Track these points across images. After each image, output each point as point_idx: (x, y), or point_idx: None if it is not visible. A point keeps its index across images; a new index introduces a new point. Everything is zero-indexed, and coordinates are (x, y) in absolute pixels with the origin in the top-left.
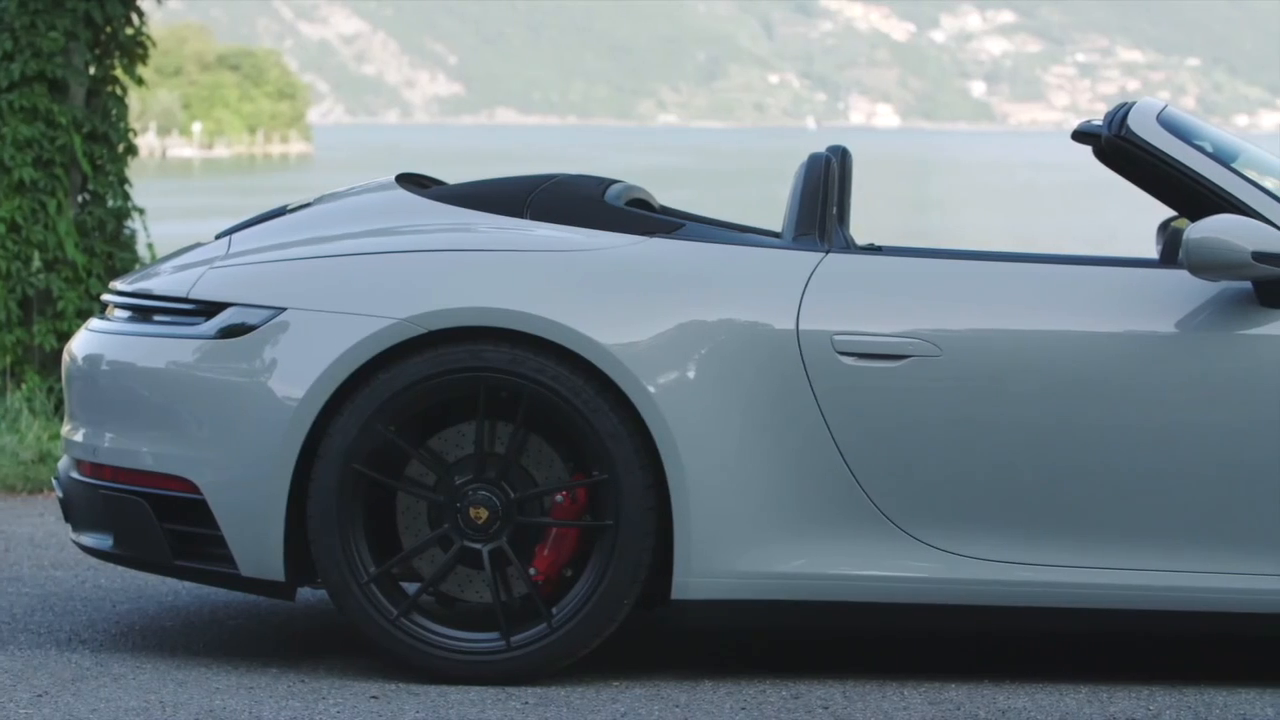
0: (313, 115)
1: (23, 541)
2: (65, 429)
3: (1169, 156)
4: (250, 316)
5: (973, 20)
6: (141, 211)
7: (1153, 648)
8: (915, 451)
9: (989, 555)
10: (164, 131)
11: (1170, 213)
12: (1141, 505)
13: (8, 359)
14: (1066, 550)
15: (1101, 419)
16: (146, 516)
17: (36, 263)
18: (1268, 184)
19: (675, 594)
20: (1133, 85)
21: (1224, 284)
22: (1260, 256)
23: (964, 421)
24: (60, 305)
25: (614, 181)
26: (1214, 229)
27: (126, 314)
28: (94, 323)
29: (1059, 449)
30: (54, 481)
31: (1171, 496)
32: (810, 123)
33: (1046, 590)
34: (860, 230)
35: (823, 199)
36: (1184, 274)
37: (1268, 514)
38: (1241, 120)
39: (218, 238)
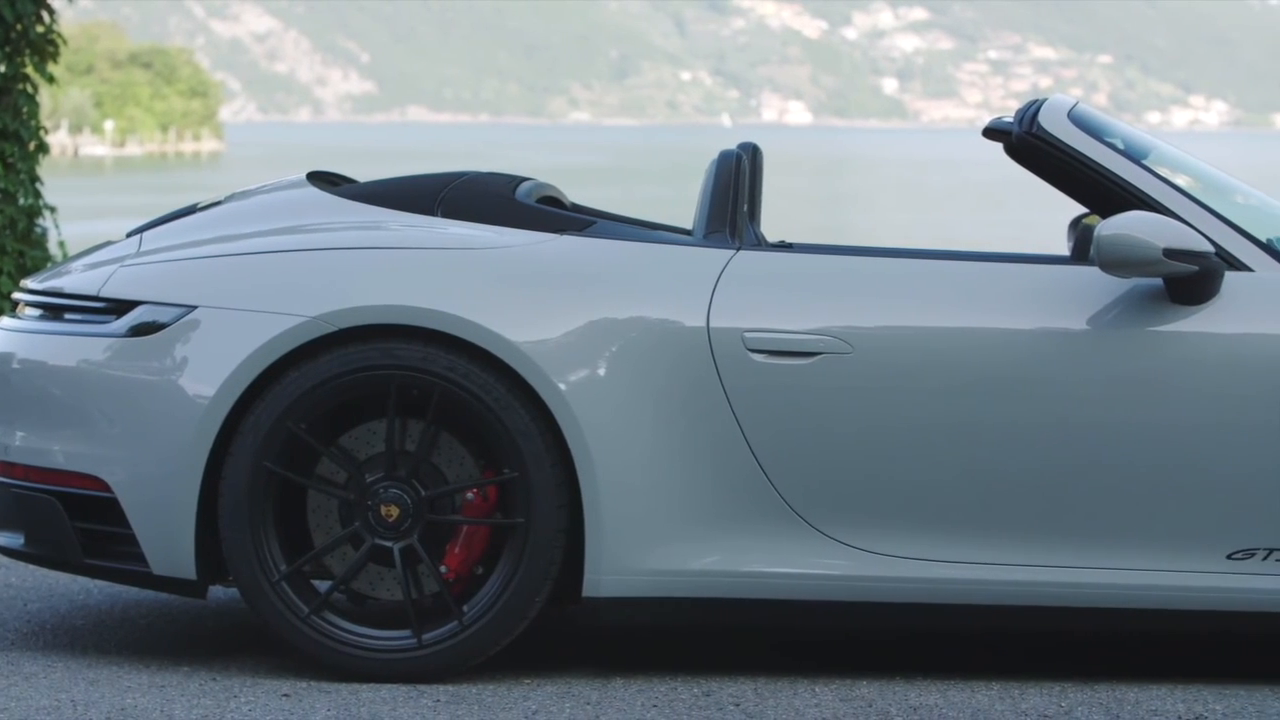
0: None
1: None
2: None
3: (1080, 153)
4: (161, 315)
5: (885, 17)
6: (53, 210)
7: (1065, 644)
8: (827, 449)
9: (902, 552)
10: (76, 129)
11: (1081, 210)
12: (1053, 502)
13: None
14: (979, 547)
15: (1012, 416)
16: (58, 515)
17: None
18: (1179, 181)
19: (586, 591)
20: (1045, 82)
21: (1135, 281)
22: (1171, 253)
23: (875, 419)
24: None
25: (525, 179)
26: (1125, 226)
27: (37, 312)
28: (4, 321)
29: (970, 446)
30: None
31: (1082, 493)
32: (725, 120)
33: (959, 587)
34: (773, 228)
35: (733, 196)
36: (1095, 271)
37: (1179, 510)
38: (1153, 117)
39: (128, 236)
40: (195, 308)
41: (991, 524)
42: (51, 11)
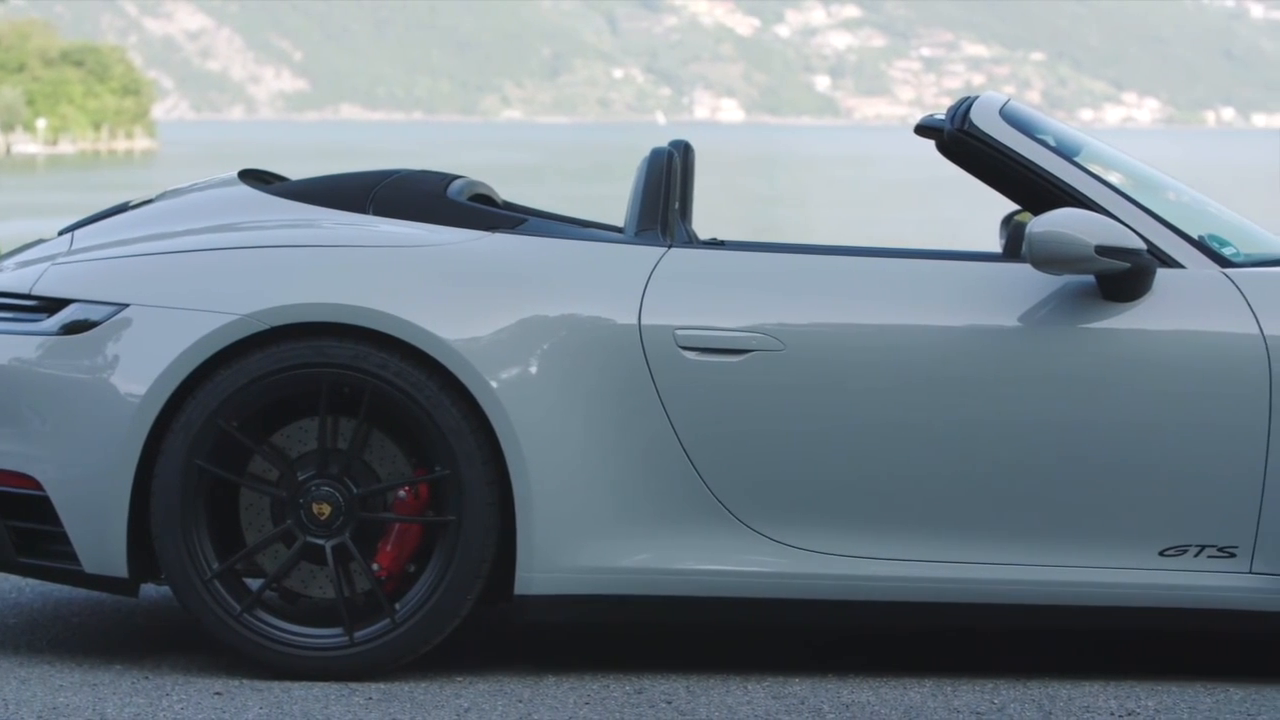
0: (157, 111)
1: None
2: None
3: (1012, 150)
4: (92, 313)
5: (817, 15)
6: None
7: (998, 641)
8: (759, 446)
9: (834, 550)
10: (8, 128)
11: (1014, 207)
12: (985, 499)
13: None
14: (913, 545)
15: (944, 414)
16: None
17: None
18: (1111, 178)
19: (518, 589)
20: (978, 79)
21: (1067, 278)
22: (1103, 250)
23: (807, 416)
24: None
25: (456, 177)
26: (1057, 223)
27: None
28: None
29: (902, 444)
30: None
31: (1015, 491)
32: (660, 118)
33: (893, 585)
34: (705, 225)
35: (665, 194)
36: (1027, 268)
37: (1111, 507)
38: (1086, 114)
39: (60, 234)
40: (127, 306)
41: (924, 521)
42: None
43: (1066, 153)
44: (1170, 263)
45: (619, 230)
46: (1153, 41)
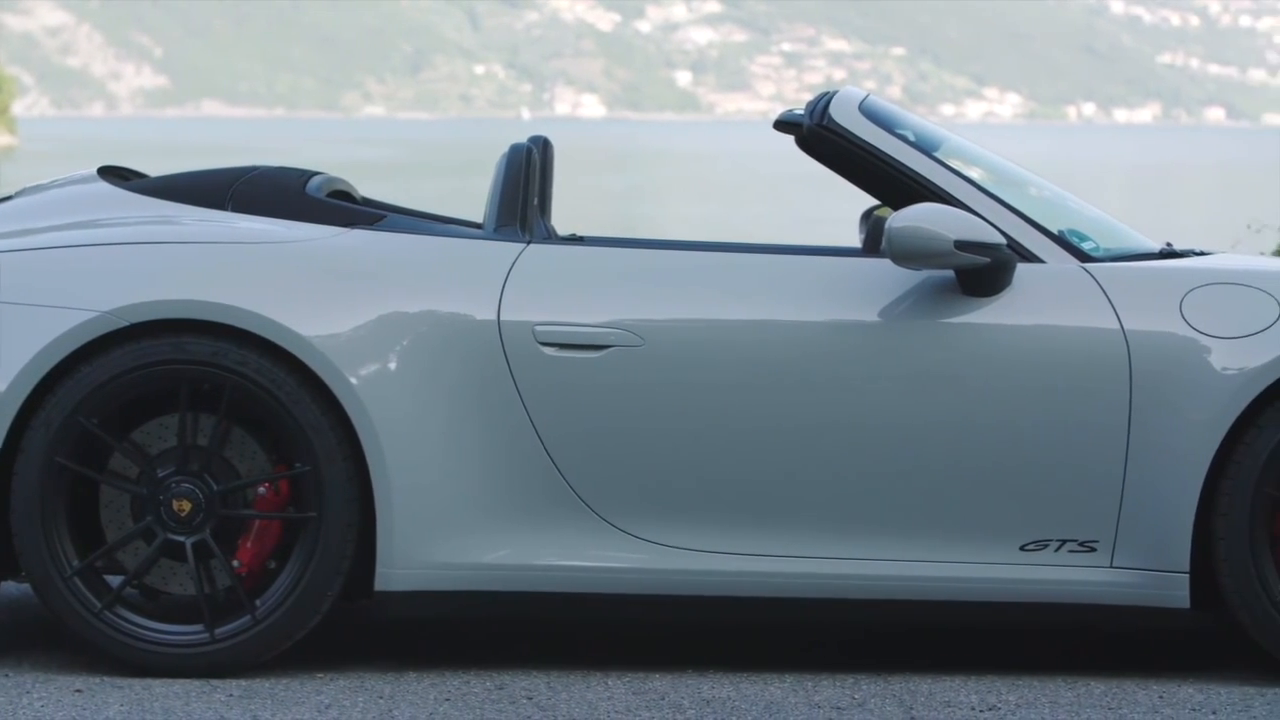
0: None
1: None
2: None
3: (871, 145)
4: None
5: (678, 10)
6: None
7: (858, 636)
8: (618, 442)
9: (695, 546)
10: None
11: (873, 202)
12: (844, 495)
13: None
14: (772, 540)
15: (803, 409)
16: None
17: None
18: (972, 173)
19: (379, 585)
20: (839, 75)
21: (927, 273)
22: (962, 245)
23: (666, 412)
24: None
25: (315, 173)
26: (916, 218)
27: None
28: None
29: (762, 439)
30: None
31: (874, 486)
32: (525, 113)
33: (752, 580)
34: (567, 221)
35: (524, 190)
36: (887, 263)
37: (973, 502)
38: (947, 110)
39: None
40: None
41: (785, 517)
42: None
43: (926, 148)
44: (1030, 258)
45: (478, 226)
46: (1014, 37)
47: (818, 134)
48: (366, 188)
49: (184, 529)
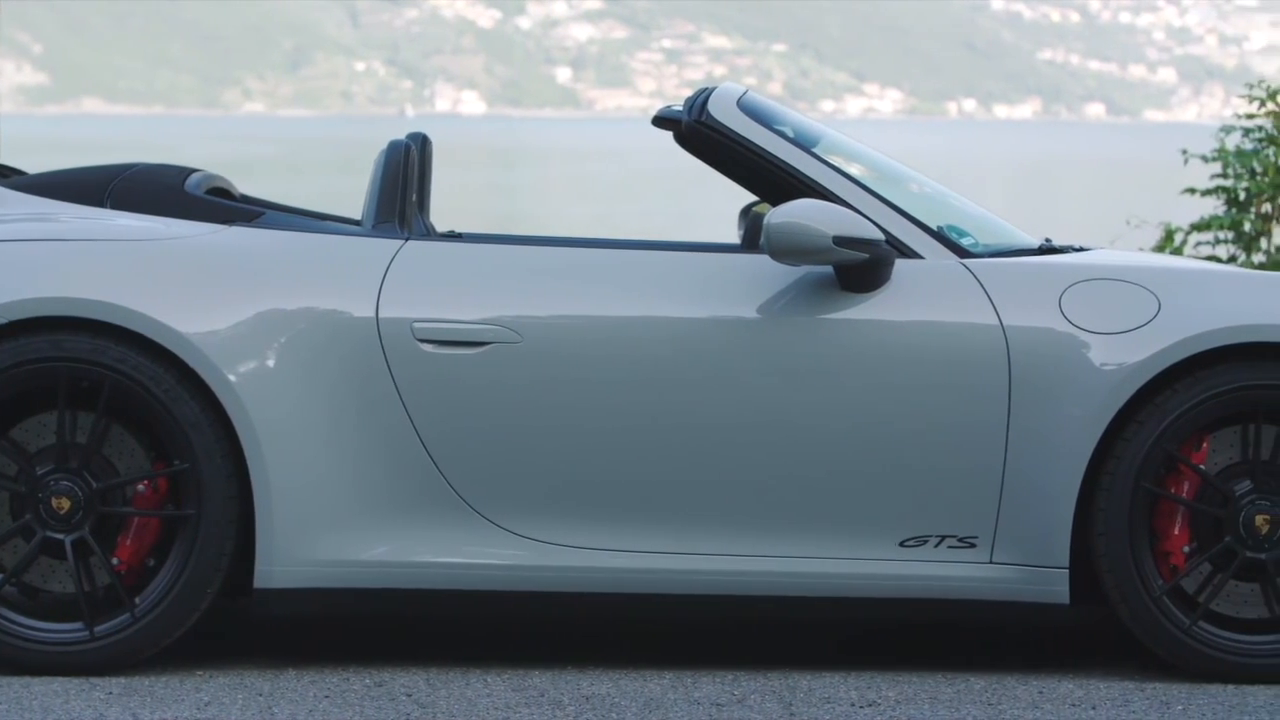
0: None
1: None
2: None
3: (749, 141)
4: None
5: (559, 7)
6: None
7: (738, 632)
8: (497, 439)
9: (574, 542)
10: None
11: (752, 198)
12: (724, 491)
13: None
14: (651, 537)
15: (682, 405)
16: None
17: None
18: (852, 169)
19: (258, 583)
20: (720, 71)
21: (805, 269)
22: (841, 240)
23: (545, 408)
24: None
25: (194, 170)
26: (794, 214)
27: None
28: None
29: (641, 435)
30: None
31: (754, 482)
32: (409, 110)
33: (631, 576)
34: (446, 218)
35: (402, 186)
36: (765, 259)
37: (852, 498)
38: (828, 105)
39: None
40: None
41: (665, 513)
42: None
43: (805, 144)
44: (909, 253)
45: (357, 223)
46: (894, 33)
47: (696, 130)
48: (246, 185)
49: (63, 527)
